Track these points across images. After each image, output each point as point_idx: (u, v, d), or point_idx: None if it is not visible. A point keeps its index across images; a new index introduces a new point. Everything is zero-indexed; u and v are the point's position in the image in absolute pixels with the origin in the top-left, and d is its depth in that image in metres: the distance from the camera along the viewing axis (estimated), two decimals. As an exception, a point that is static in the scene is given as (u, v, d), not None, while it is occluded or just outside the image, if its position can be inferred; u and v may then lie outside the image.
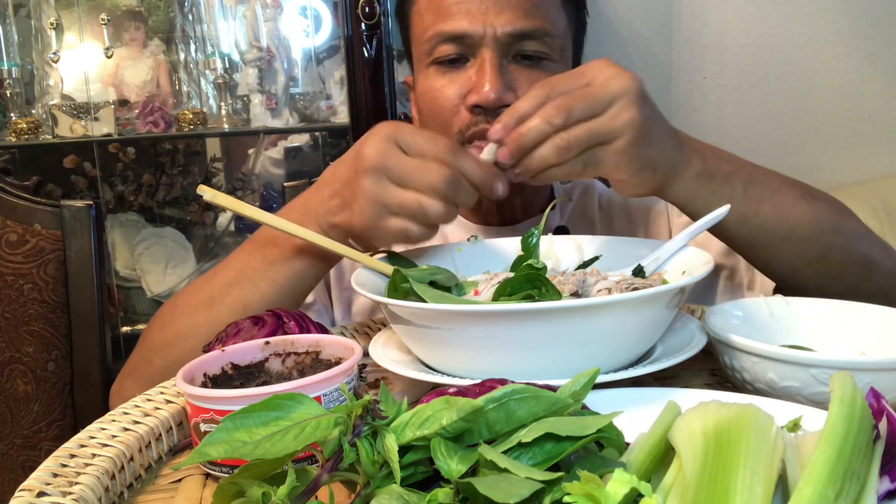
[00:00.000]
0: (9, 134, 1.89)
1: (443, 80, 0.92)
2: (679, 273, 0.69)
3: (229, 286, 0.79)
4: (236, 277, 0.79)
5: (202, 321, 0.79)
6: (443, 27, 0.90)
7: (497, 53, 0.89)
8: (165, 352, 0.81)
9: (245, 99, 2.01)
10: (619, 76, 0.70)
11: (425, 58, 0.93)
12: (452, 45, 0.90)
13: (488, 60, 0.88)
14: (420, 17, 0.95)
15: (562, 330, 0.56)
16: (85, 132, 1.95)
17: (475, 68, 0.90)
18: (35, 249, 1.15)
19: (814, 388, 0.57)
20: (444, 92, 0.92)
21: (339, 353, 0.61)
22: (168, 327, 0.83)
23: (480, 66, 0.89)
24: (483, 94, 0.87)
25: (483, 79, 0.88)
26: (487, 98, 0.87)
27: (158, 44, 2.03)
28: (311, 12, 1.98)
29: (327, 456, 0.39)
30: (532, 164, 0.68)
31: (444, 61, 0.91)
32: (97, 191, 2.09)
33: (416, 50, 0.97)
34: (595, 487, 0.33)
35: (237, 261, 0.81)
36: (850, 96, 1.93)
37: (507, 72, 0.89)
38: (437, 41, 0.91)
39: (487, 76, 0.87)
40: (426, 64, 0.94)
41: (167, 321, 0.84)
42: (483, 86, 0.87)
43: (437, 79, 0.92)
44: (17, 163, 2.01)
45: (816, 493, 0.33)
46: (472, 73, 0.90)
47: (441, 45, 0.91)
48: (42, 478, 0.48)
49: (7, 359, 1.15)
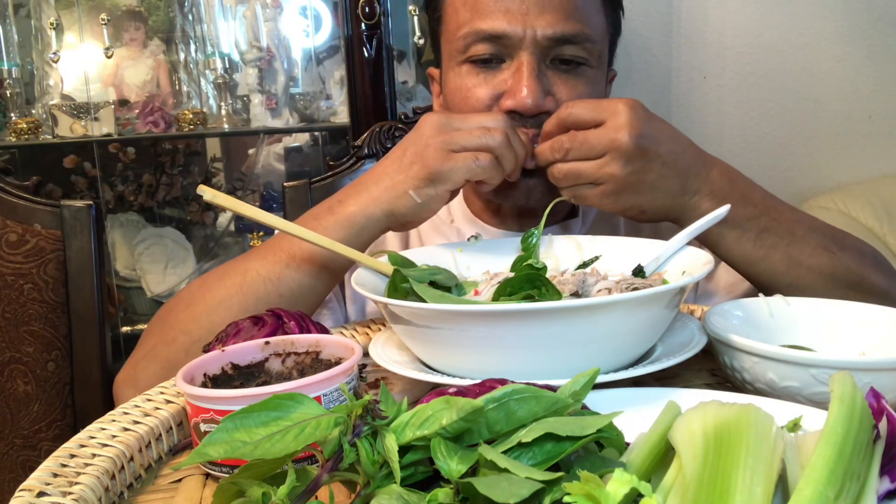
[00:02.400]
0: (9, 134, 1.89)
1: (476, 79, 0.89)
2: (679, 273, 0.69)
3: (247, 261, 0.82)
4: (260, 276, 0.81)
5: (235, 293, 0.81)
6: (480, 25, 0.87)
7: (535, 57, 0.86)
8: (192, 327, 0.81)
9: (245, 99, 2.01)
10: (623, 128, 0.75)
11: (458, 55, 0.90)
12: (489, 44, 0.87)
13: (526, 64, 0.86)
14: (454, 11, 0.91)
15: (562, 330, 0.56)
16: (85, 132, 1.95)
17: (511, 71, 0.87)
18: (35, 249, 1.15)
19: (814, 388, 0.57)
20: (477, 92, 0.89)
21: (339, 353, 0.61)
22: (196, 304, 0.83)
23: (518, 69, 0.87)
24: (520, 99, 0.85)
25: (520, 84, 0.85)
26: (525, 104, 0.85)
27: (158, 44, 2.03)
28: (311, 12, 1.98)
29: (327, 456, 0.39)
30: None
31: (479, 61, 0.89)
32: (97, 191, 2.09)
33: (447, 45, 0.94)
34: (595, 487, 0.33)
35: (262, 258, 0.82)
36: (850, 96, 1.93)
37: (544, 76, 0.87)
38: (472, 39, 0.88)
39: (525, 81, 0.85)
40: (458, 61, 0.91)
41: (195, 299, 0.84)
42: (520, 91, 0.85)
43: (470, 78, 0.90)
44: (17, 163, 2.01)
45: (816, 493, 0.33)
46: (508, 75, 0.88)
47: (477, 43, 0.88)
48: (42, 478, 0.48)
49: (7, 359, 1.15)
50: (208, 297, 0.82)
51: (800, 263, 0.80)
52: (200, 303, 0.83)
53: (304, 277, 0.81)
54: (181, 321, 0.83)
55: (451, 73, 0.93)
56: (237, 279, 0.81)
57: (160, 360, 0.81)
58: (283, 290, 0.80)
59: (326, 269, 0.81)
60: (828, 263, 0.81)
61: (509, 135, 0.78)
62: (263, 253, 0.83)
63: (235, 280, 0.81)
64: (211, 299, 0.82)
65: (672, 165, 0.78)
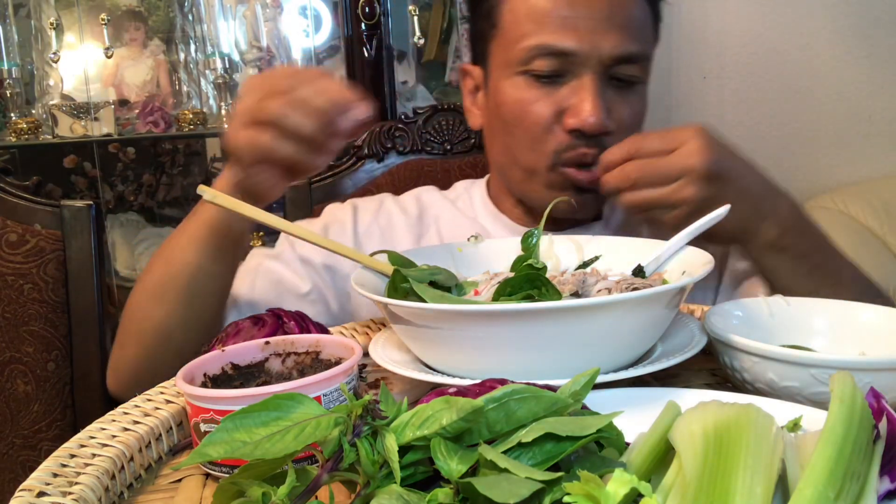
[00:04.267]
0: (9, 134, 1.89)
1: (536, 93, 0.88)
2: (679, 273, 0.69)
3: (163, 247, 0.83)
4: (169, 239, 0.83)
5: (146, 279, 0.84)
6: (547, 40, 0.86)
7: (598, 75, 0.86)
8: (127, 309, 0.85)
9: (245, 99, 2.01)
10: (696, 153, 0.77)
11: (517, 65, 0.89)
12: (554, 59, 0.86)
13: (591, 83, 0.86)
14: (515, 20, 0.90)
15: (562, 330, 0.55)
16: (85, 132, 1.95)
17: (573, 87, 0.87)
18: (35, 249, 1.15)
19: (814, 388, 0.57)
20: (537, 108, 0.88)
21: (339, 353, 0.61)
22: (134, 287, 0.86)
23: (581, 87, 0.86)
24: (584, 119, 0.85)
25: (584, 103, 0.85)
26: (589, 125, 0.85)
27: (158, 44, 2.03)
28: (311, 12, 1.98)
29: (327, 456, 0.39)
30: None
31: (540, 75, 0.88)
32: (97, 191, 2.09)
33: (501, 51, 0.92)
34: (595, 487, 0.33)
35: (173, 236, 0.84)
36: (850, 96, 1.93)
37: (604, 94, 0.87)
38: (536, 53, 0.87)
39: (590, 101, 0.85)
40: (516, 71, 0.89)
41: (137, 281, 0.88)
42: (584, 111, 0.85)
43: (529, 91, 0.89)
44: (17, 163, 2.01)
45: (816, 493, 0.33)
46: (569, 92, 0.87)
47: (541, 58, 0.87)
48: (42, 478, 0.48)
49: (7, 359, 1.15)
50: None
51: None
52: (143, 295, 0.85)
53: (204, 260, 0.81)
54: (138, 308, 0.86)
55: (505, 81, 0.92)
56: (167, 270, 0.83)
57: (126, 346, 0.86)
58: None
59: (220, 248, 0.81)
60: None
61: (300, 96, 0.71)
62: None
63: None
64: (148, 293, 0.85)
65: (745, 190, 0.80)
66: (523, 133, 0.91)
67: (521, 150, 0.92)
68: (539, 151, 0.90)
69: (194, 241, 0.79)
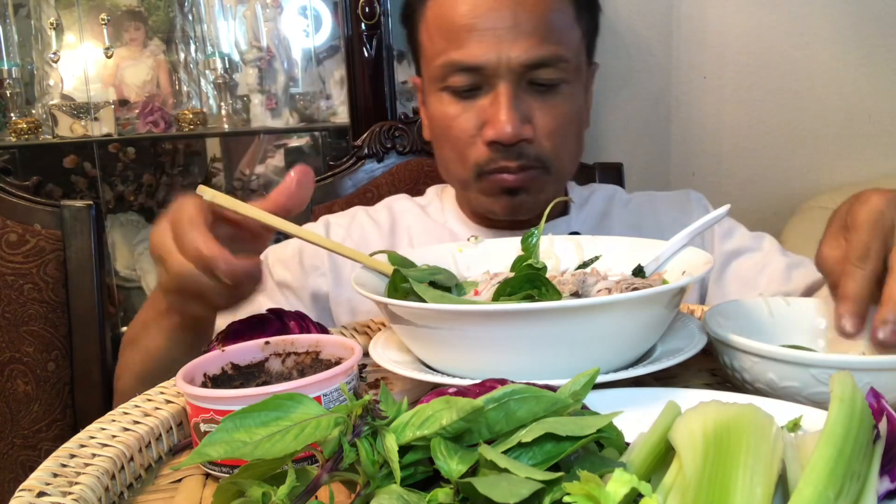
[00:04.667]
0: (9, 134, 1.89)
1: (457, 107, 0.90)
2: (679, 273, 0.69)
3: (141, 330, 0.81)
4: (144, 323, 0.81)
5: (129, 361, 0.84)
6: (456, 57, 0.88)
7: (511, 84, 0.87)
8: (118, 382, 0.86)
9: (245, 99, 2.01)
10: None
11: (437, 82, 0.91)
12: (466, 75, 0.88)
13: (503, 93, 0.87)
14: (430, 38, 0.92)
15: (562, 330, 0.55)
16: (85, 132, 1.95)
17: (489, 99, 0.88)
18: (35, 249, 1.15)
19: (814, 388, 0.57)
20: (459, 122, 0.90)
21: (339, 353, 0.61)
22: (120, 360, 0.87)
23: (495, 98, 0.87)
24: (499, 130, 0.86)
25: (499, 114, 0.86)
26: (504, 134, 0.86)
27: (158, 44, 2.03)
28: (311, 12, 1.98)
29: (327, 456, 0.39)
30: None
31: (457, 90, 0.90)
32: (97, 191, 2.09)
33: (426, 67, 0.95)
34: (595, 487, 0.33)
35: (149, 301, 0.82)
36: (850, 96, 1.94)
37: (521, 102, 0.88)
38: (449, 70, 0.89)
39: (503, 111, 0.86)
40: (438, 87, 0.92)
41: (121, 353, 0.87)
42: (499, 121, 0.86)
43: (451, 106, 0.91)
44: (17, 163, 2.01)
45: (816, 493, 0.33)
46: (487, 104, 0.89)
47: (454, 74, 0.89)
48: (42, 478, 0.48)
49: (7, 359, 1.15)
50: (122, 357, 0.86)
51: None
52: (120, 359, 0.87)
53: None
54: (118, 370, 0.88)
55: (432, 96, 0.94)
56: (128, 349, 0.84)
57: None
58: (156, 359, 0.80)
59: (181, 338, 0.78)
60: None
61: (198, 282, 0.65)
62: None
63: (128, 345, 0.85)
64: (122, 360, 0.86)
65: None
66: (450, 147, 0.93)
67: (451, 163, 0.95)
68: (465, 164, 0.92)
69: (165, 333, 0.77)
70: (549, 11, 0.88)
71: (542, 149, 0.90)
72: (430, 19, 0.92)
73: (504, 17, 0.86)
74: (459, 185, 0.97)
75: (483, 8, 0.87)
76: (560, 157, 0.92)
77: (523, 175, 0.90)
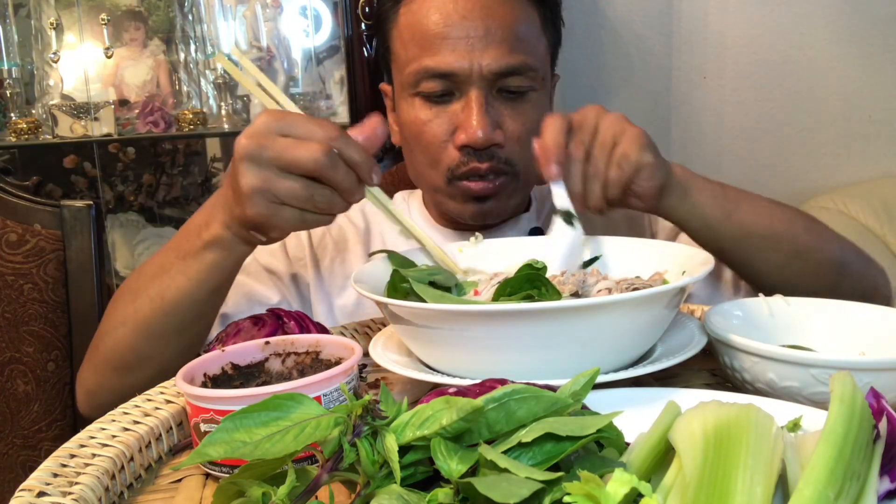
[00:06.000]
0: (9, 134, 1.89)
1: (429, 113, 0.92)
2: (679, 273, 0.69)
3: (150, 279, 0.80)
4: (157, 271, 0.80)
5: (129, 312, 0.81)
6: (428, 63, 0.90)
7: (482, 91, 0.89)
8: (106, 339, 0.83)
9: (245, 99, 2.01)
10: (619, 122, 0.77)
11: (409, 88, 0.93)
12: (438, 81, 0.90)
13: (475, 99, 0.89)
14: (402, 44, 0.94)
15: (562, 330, 0.56)
16: (85, 132, 1.95)
17: (461, 105, 0.91)
18: (35, 249, 1.15)
19: (814, 388, 0.57)
20: (431, 127, 0.92)
21: (339, 353, 0.61)
22: (110, 316, 0.85)
23: (467, 104, 0.90)
24: (471, 134, 0.88)
25: (471, 119, 0.89)
26: (476, 138, 0.88)
27: (158, 44, 2.03)
28: (311, 12, 1.98)
29: (327, 456, 0.39)
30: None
31: (430, 95, 0.92)
32: (97, 191, 2.09)
33: (397, 73, 0.97)
34: (595, 487, 0.33)
35: (160, 254, 0.82)
36: (850, 96, 1.94)
37: (492, 108, 0.90)
38: (422, 76, 0.91)
39: (475, 116, 0.88)
40: (410, 94, 0.93)
41: (111, 309, 0.86)
42: (471, 126, 0.88)
43: (423, 111, 0.92)
44: (17, 163, 2.01)
45: (816, 493, 0.33)
46: (458, 109, 0.91)
47: (427, 80, 0.91)
48: (42, 478, 0.48)
49: (7, 359, 1.15)
50: (116, 312, 0.83)
51: (763, 213, 0.84)
52: (112, 316, 0.84)
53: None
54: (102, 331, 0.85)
55: (403, 102, 0.96)
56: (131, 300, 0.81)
57: (92, 364, 0.85)
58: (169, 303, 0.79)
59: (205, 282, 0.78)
60: (783, 214, 0.86)
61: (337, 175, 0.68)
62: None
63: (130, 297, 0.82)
64: (118, 314, 0.83)
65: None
66: (421, 152, 0.95)
67: (422, 168, 0.96)
68: (436, 168, 0.94)
69: (192, 274, 0.77)
70: (517, 22, 0.91)
71: (511, 153, 0.92)
72: (402, 27, 0.94)
73: (476, 26, 0.89)
74: (430, 190, 0.99)
75: (456, 17, 0.89)
76: (528, 162, 0.93)
77: (493, 183, 0.92)
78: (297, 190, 0.67)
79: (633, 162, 0.75)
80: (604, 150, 0.75)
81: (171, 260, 0.79)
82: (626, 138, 0.76)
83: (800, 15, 1.90)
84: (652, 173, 0.76)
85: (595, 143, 0.76)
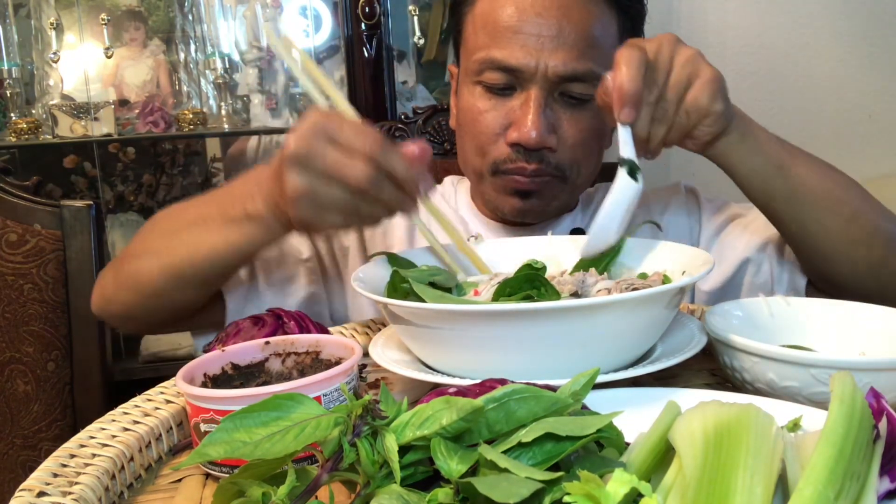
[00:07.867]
0: (9, 134, 1.89)
1: (487, 103, 0.91)
2: (679, 273, 0.69)
3: (188, 225, 0.81)
4: (197, 219, 0.80)
5: (162, 247, 0.82)
6: (496, 55, 0.88)
7: (544, 92, 0.88)
8: (133, 261, 0.84)
9: (245, 99, 2.01)
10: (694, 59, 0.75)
11: (473, 74, 0.92)
12: (502, 74, 0.89)
13: (534, 99, 0.88)
14: (474, 30, 0.93)
15: (562, 330, 0.56)
16: (85, 132, 1.95)
17: (520, 102, 0.89)
18: (35, 249, 1.15)
19: (814, 388, 0.57)
20: (487, 118, 0.91)
21: (339, 353, 0.61)
22: (145, 238, 0.86)
23: (525, 102, 0.88)
24: (524, 134, 0.87)
25: (526, 118, 0.87)
26: (528, 139, 0.87)
27: (158, 44, 2.03)
28: (311, 12, 1.98)
29: (327, 456, 0.39)
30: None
31: (491, 86, 0.91)
32: (97, 191, 2.09)
33: (464, 59, 0.96)
34: (595, 487, 0.33)
35: (205, 202, 0.82)
36: (850, 96, 1.93)
37: (550, 111, 0.89)
38: (487, 66, 0.90)
39: (531, 116, 0.87)
40: (473, 80, 0.93)
41: (148, 229, 0.87)
42: (525, 125, 0.87)
43: (482, 100, 0.92)
44: (17, 163, 2.01)
45: (816, 493, 0.33)
46: (517, 105, 0.89)
47: (491, 71, 0.89)
48: (42, 478, 0.48)
49: (7, 359, 1.15)
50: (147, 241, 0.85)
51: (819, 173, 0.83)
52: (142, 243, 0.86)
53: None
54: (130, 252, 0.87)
55: (465, 88, 0.95)
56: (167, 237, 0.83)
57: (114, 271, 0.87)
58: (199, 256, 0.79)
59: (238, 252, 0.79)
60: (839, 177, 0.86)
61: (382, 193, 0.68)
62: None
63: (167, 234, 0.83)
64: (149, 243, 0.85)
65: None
66: (472, 139, 0.94)
67: (470, 155, 0.96)
68: (483, 158, 0.93)
69: (230, 248, 0.77)
70: (594, 27, 0.89)
71: (562, 159, 0.91)
72: (477, 14, 0.93)
73: (549, 24, 0.87)
74: (475, 177, 0.98)
75: (531, 13, 0.88)
76: (579, 169, 0.94)
77: (538, 180, 0.91)
78: (343, 201, 0.67)
79: (703, 109, 0.74)
80: (677, 92, 0.73)
81: (213, 215, 0.78)
82: (700, 81, 0.74)
83: (800, 15, 1.90)
84: (716, 120, 0.75)
85: (668, 84, 0.73)
